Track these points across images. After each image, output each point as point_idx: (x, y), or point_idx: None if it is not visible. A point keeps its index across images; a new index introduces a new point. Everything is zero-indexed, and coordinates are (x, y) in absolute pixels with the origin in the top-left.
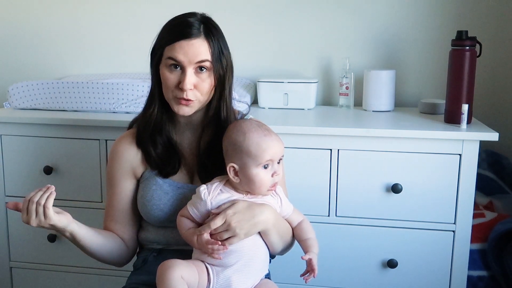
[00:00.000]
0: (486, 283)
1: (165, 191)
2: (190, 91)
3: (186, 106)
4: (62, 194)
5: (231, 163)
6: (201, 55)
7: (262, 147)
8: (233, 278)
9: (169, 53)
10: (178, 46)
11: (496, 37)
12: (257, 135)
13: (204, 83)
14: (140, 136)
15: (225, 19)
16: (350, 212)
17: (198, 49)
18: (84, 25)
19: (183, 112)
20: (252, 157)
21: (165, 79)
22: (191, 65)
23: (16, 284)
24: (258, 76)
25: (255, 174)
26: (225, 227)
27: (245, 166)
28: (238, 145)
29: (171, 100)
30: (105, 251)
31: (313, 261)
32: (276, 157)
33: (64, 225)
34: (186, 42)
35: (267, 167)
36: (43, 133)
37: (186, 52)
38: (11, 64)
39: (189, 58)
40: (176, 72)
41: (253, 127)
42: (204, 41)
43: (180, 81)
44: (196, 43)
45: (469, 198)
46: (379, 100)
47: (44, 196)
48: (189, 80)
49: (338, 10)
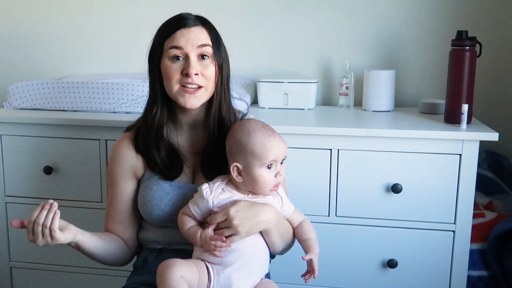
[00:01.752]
0: (486, 283)
1: (166, 191)
2: (196, 77)
3: (193, 96)
4: (62, 194)
5: (235, 163)
6: (202, 39)
7: (267, 147)
8: (233, 277)
9: (170, 43)
10: (178, 35)
11: (496, 37)
12: (262, 135)
13: (208, 69)
14: (143, 140)
15: (225, 19)
16: (350, 212)
17: (198, 35)
18: (84, 25)
19: (190, 104)
20: (257, 157)
21: (169, 71)
22: (194, 51)
23: (16, 284)
24: (258, 76)
25: (259, 174)
26: (227, 225)
27: (249, 166)
28: (243, 145)
29: (176, 94)
30: (108, 254)
31: (314, 261)
32: (280, 157)
33: (70, 240)
34: (186, 30)
35: (270, 167)
36: (43, 133)
37: (188, 38)
38: (11, 64)
39: (191, 42)
40: (180, 62)
41: (258, 128)
42: (202, 28)
43: (184, 69)
44: (195, 30)
45: (469, 198)
46: (379, 100)
47: (49, 218)
48: (194, 65)
49: (338, 10)
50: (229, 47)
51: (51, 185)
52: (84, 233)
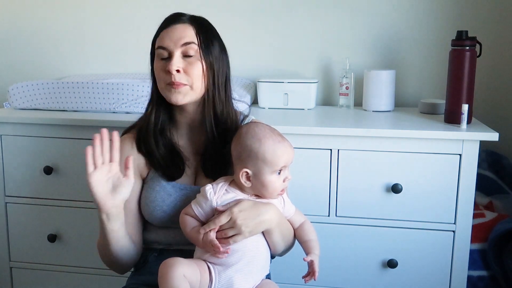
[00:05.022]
0: (486, 283)
1: (169, 192)
2: (178, 74)
3: (177, 92)
4: (62, 194)
5: (244, 169)
6: (185, 38)
7: (277, 154)
8: (235, 278)
9: (158, 43)
10: (164, 34)
11: (496, 37)
12: (273, 142)
13: (192, 67)
14: (144, 139)
15: (225, 20)
16: (350, 212)
17: (183, 32)
18: (84, 25)
19: (175, 99)
20: (268, 164)
21: (157, 71)
22: (177, 49)
23: (16, 284)
24: (258, 76)
25: (269, 180)
26: (230, 225)
27: (260, 173)
28: (254, 152)
29: (164, 91)
30: (123, 250)
31: (315, 263)
32: (289, 162)
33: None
34: (171, 28)
35: (280, 172)
36: (43, 133)
37: (171, 36)
38: (11, 64)
39: (174, 41)
40: (165, 61)
41: (268, 133)
42: (189, 25)
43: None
44: (180, 27)
45: (469, 198)
46: (379, 100)
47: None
48: (175, 62)
49: (338, 10)
50: (229, 47)
51: (51, 185)
52: (122, 217)
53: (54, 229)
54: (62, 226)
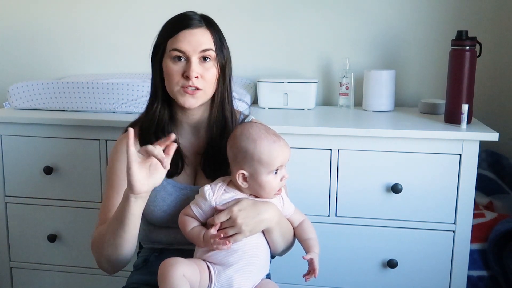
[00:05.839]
0: (486, 283)
1: (169, 192)
2: (196, 79)
3: (192, 97)
4: (62, 194)
5: (241, 171)
6: (204, 44)
7: (273, 155)
8: (234, 278)
9: (172, 45)
10: (181, 37)
11: (496, 37)
12: (268, 142)
13: (209, 72)
14: (145, 135)
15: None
16: (350, 212)
17: (201, 38)
18: (84, 25)
19: (189, 104)
20: (264, 164)
21: (170, 71)
22: (196, 54)
23: (16, 284)
24: (258, 76)
25: (266, 181)
26: (230, 224)
27: (256, 174)
28: (249, 153)
29: (176, 93)
30: (131, 242)
31: (315, 261)
32: (285, 162)
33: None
34: (189, 32)
35: (276, 172)
36: (43, 133)
37: (190, 41)
38: (11, 64)
39: (193, 47)
40: (181, 63)
41: (263, 134)
42: (206, 30)
43: (185, 71)
44: (198, 32)
45: (469, 198)
46: (379, 100)
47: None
48: (195, 68)
49: (338, 10)
50: (230, 47)
51: (51, 185)
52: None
53: (54, 229)
54: (62, 226)
